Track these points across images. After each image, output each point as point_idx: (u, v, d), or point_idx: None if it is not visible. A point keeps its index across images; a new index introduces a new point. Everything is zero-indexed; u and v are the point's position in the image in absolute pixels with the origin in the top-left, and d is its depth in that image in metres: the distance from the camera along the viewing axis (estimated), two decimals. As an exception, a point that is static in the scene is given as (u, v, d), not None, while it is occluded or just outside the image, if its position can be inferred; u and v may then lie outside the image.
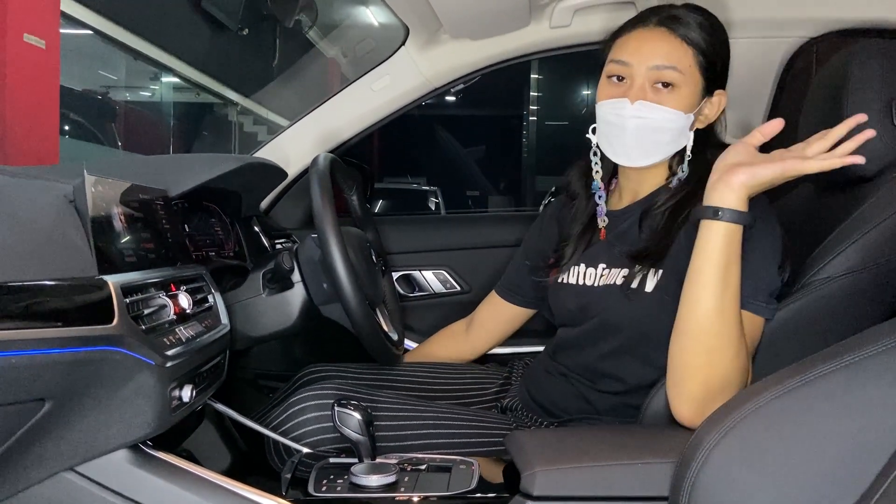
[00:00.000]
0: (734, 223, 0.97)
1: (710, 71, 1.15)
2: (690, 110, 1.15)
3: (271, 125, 8.32)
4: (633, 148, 1.16)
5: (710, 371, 0.97)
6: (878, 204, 1.03)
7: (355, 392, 1.24)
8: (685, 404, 0.99)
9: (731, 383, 0.98)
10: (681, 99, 1.13)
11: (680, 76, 1.13)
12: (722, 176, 0.98)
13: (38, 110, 1.89)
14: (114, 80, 7.47)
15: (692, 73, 1.14)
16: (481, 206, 11.10)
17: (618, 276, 1.17)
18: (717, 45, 1.16)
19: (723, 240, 0.97)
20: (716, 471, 0.78)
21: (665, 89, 1.13)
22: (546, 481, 0.88)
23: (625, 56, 1.16)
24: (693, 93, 1.14)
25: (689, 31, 1.14)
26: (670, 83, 1.13)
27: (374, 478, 0.96)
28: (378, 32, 2.09)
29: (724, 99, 1.19)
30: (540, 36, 1.67)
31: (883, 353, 0.72)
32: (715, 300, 0.97)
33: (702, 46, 1.14)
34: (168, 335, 0.93)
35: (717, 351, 0.97)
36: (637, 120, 1.13)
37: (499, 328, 1.51)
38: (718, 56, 1.16)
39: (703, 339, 0.97)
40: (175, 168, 1.20)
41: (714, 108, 1.19)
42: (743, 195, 0.97)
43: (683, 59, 1.13)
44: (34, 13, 1.80)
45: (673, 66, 1.13)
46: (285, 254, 1.30)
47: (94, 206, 0.88)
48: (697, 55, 1.14)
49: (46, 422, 0.80)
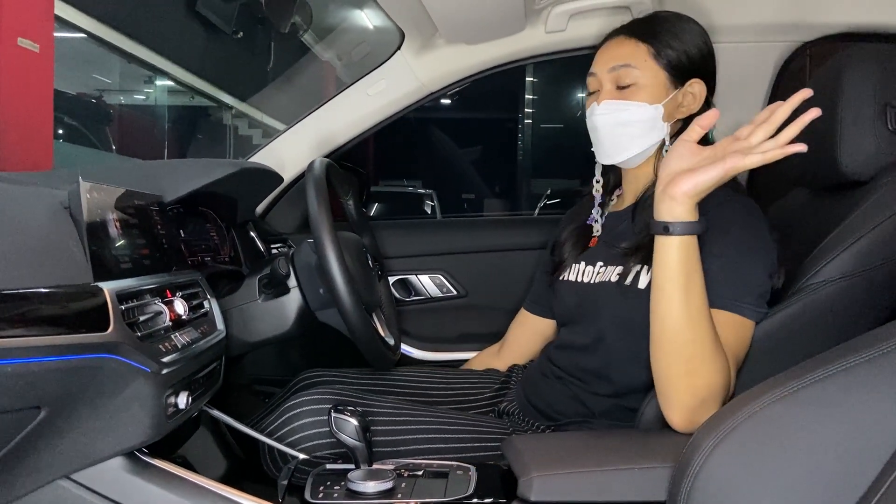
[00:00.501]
0: (685, 234, 0.97)
1: (674, 61, 1.19)
2: (656, 101, 1.18)
3: (266, 128, 8.32)
4: (608, 145, 1.22)
5: (692, 379, 0.97)
6: (873, 208, 1.03)
7: (351, 397, 1.23)
8: (675, 413, 0.99)
9: (718, 388, 0.98)
10: (643, 92, 1.18)
11: (637, 72, 1.18)
12: (665, 188, 0.98)
13: (31, 115, 1.88)
14: (108, 83, 7.46)
15: (650, 67, 1.18)
16: (477, 209, 11.10)
17: (613, 274, 1.18)
18: (680, 36, 1.20)
19: (678, 253, 0.97)
20: (713, 476, 0.78)
21: (627, 88, 1.19)
22: (543, 486, 0.88)
23: (593, 67, 1.25)
24: (656, 85, 1.19)
25: (645, 30, 1.21)
26: (630, 81, 1.19)
27: (370, 484, 0.96)
28: (373, 36, 2.09)
29: (702, 87, 1.21)
30: (535, 41, 1.67)
31: (878, 357, 0.72)
32: (681, 310, 0.97)
33: (657, 41, 1.19)
34: (164, 342, 0.93)
35: (695, 358, 0.97)
36: (603, 117, 1.20)
37: (530, 343, 1.51)
38: (682, 47, 1.20)
39: (679, 349, 0.98)
40: (170, 173, 1.19)
41: (694, 98, 1.21)
42: (689, 205, 0.97)
43: (637, 55, 1.19)
44: (28, 17, 1.79)
45: (627, 64, 1.19)
46: (281, 259, 1.30)
47: (89, 212, 0.87)
48: (651, 49, 1.19)
49: (42, 430, 0.80)
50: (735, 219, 1.06)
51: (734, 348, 1.02)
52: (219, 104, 8.25)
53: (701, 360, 0.97)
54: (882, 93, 1.07)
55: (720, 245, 1.04)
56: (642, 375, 1.12)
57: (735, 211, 1.07)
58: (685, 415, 0.98)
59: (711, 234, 1.03)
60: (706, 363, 0.97)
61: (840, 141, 1.09)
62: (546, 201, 8.32)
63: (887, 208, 1.02)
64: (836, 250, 1.03)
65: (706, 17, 1.59)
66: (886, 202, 1.03)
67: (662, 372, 1.00)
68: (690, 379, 0.97)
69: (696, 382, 0.97)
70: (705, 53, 1.23)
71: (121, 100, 7.67)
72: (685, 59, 1.20)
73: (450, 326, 1.87)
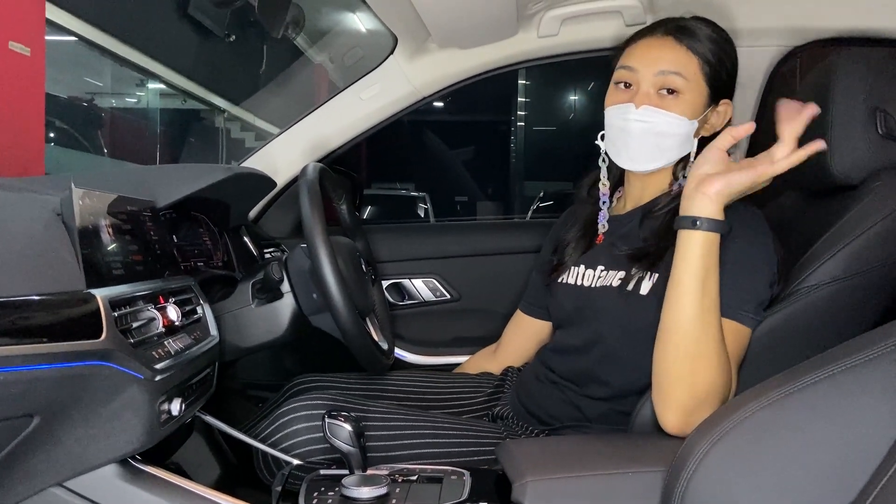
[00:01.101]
0: (712, 231, 0.99)
1: (716, 80, 1.17)
2: (695, 117, 1.16)
3: (259, 132, 8.30)
4: (637, 152, 1.18)
5: (694, 378, 0.98)
6: (863, 212, 1.04)
7: (345, 403, 1.23)
8: (671, 413, 1.00)
9: (716, 391, 0.99)
10: (685, 105, 1.15)
11: (685, 83, 1.15)
12: (698, 186, 0.99)
13: (23, 119, 1.87)
14: (99, 86, 7.43)
15: (697, 81, 1.16)
16: (470, 212, 11.11)
17: (615, 279, 1.18)
18: (723, 55, 1.18)
19: (701, 248, 0.99)
20: (706, 479, 0.78)
21: (670, 95, 1.15)
22: (537, 491, 0.88)
23: (632, 62, 1.19)
24: (698, 100, 1.16)
25: (695, 40, 1.17)
26: (675, 90, 1.15)
27: (365, 490, 0.96)
28: (366, 40, 2.09)
29: (731, 109, 1.21)
30: (528, 45, 1.68)
31: (871, 361, 0.73)
32: (695, 307, 0.99)
33: (707, 56, 1.16)
34: (157, 348, 0.92)
35: (700, 358, 0.98)
36: (642, 124, 1.15)
37: (526, 345, 1.50)
38: (724, 66, 1.18)
39: (686, 345, 0.99)
40: (163, 179, 1.19)
41: (720, 118, 1.21)
42: (719, 204, 0.99)
43: (688, 66, 1.16)
44: (19, 20, 1.78)
45: (678, 72, 1.15)
46: (274, 264, 1.30)
47: (81, 218, 0.87)
48: (703, 64, 1.16)
49: (35, 437, 0.80)
50: (741, 229, 1.06)
51: (732, 355, 1.03)
52: (211, 107, 8.23)
53: (706, 360, 0.98)
54: (872, 97, 1.08)
55: (726, 253, 1.03)
56: (638, 380, 1.13)
57: (742, 221, 1.07)
58: (681, 417, 0.99)
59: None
60: (710, 364, 0.98)
61: (830, 145, 1.09)
62: (539, 203, 8.33)
63: (877, 212, 1.03)
64: (826, 254, 1.03)
65: (697, 22, 1.59)
66: (876, 206, 1.04)
67: (665, 368, 1.01)
68: (692, 378, 0.98)
69: (697, 383, 0.98)
70: (734, 75, 1.22)
71: (112, 103, 7.64)
72: (725, 77, 1.19)
73: (443, 330, 1.87)
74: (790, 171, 1.23)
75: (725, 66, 1.19)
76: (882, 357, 0.73)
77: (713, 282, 1.00)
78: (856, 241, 1.02)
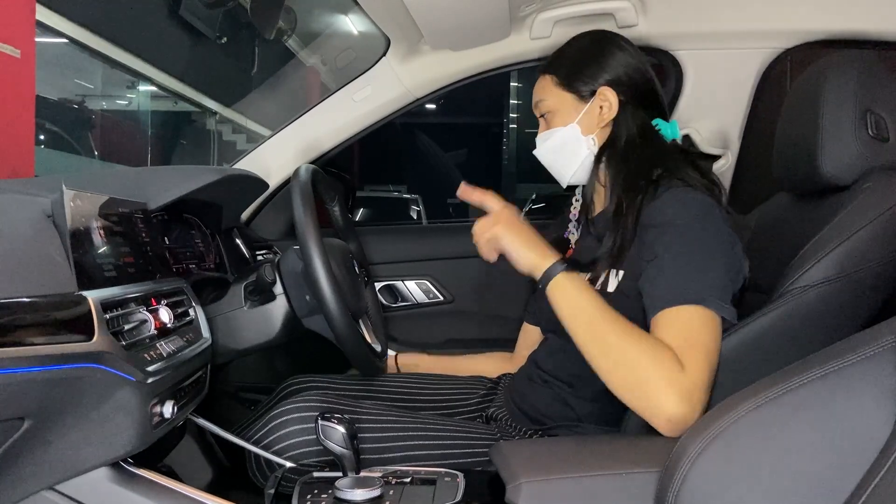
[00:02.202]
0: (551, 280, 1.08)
1: (574, 80, 1.26)
2: (570, 122, 1.26)
3: (251, 134, 8.28)
4: (554, 171, 1.32)
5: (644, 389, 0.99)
6: (854, 214, 1.04)
7: (338, 404, 1.23)
8: (653, 419, 0.99)
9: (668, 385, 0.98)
10: (558, 118, 1.27)
11: (547, 102, 1.28)
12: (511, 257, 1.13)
13: (12, 121, 1.86)
14: (90, 88, 7.39)
15: (556, 94, 1.28)
16: (462, 214, 11.09)
17: (595, 281, 1.20)
18: (573, 55, 1.29)
19: (557, 296, 1.08)
20: (700, 480, 0.78)
21: (547, 119, 1.29)
22: (531, 492, 0.88)
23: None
24: (567, 107, 1.27)
25: (548, 63, 1.31)
26: (544, 112, 1.29)
27: (358, 492, 0.96)
28: (359, 42, 2.09)
29: (612, 92, 1.24)
30: (520, 47, 1.68)
31: (862, 362, 0.73)
32: (595, 341, 1.03)
33: (557, 67, 1.29)
34: (149, 350, 0.92)
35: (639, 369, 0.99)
36: (539, 149, 1.32)
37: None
38: (578, 64, 1.27)
39: (617, 370, 1.01)
40: (155, 180, 1.19)
41: (610, 104, 1.24)
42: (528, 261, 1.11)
43: (546, 88, 1.29)
44: (9, 22, 1.77)
45: (540, 99, 1.30)
46: (267, 266, 1.29)
47: (72, 220, 0.86)
48: (554, 77, 1.28)
49: (25, 441, 0.79)
50: (688, 217, 1.08)
51: (702, 342, 1.00)
52: (203, 109, 8.19)
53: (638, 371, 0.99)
54: (862, 98, 1.08)
55: (675, 243, 1.06)
56: None
57: (689, 210, 1.09)
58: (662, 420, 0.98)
59: (666, 233, 1.07)
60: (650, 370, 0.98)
61: (821, 146, 1.10)
62: (532, 206, 8.33)
63: (868, 213, 1.03)
64: (818, 255, 1.03)
65: (688, 25, 1.60)
66: (867, 207, 1.04)
67: (616, 390, 1.02)
68: (642, 390, 0.98)
69: (648, 390, 0.98)
70: (600, 58, 1.26)
71: (103, 105, 7.60)
72: (579, 71, 1.26)
73: (436, 332, 1.87)
74: (781, 174, 1.25)
75: (580, 63, 1.27)
76: (874, 357, 0.74)
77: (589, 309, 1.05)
78: (847, 241, 1.02)
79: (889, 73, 1.12)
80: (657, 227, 1.09)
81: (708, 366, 0.99)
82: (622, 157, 1.21)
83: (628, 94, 1.24)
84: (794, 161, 1.18)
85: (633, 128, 1.23)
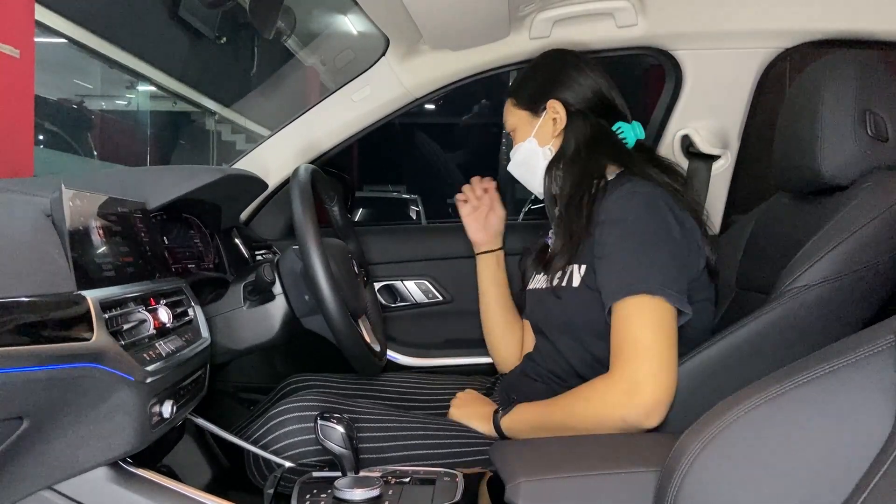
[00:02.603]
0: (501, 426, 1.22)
1: (525, 99, 1.39)
2: (528, 137, 1.37)
3: (250, 134, 8.27)
4: (525, 183, 1.43)
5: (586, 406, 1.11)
6: (853, 213, 1.04)
7: (337, 404, 1.23)
8: (629, 429, 1.06)
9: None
10: (519, 134, 1.39)
11: (509, 122, 1.42)
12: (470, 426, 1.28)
13: (11, 121, 1.86)
14: (89, 88, 7.39)
15: (514, 113, 1.40)
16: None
17: (543, 280, 1.30)
18: (525, 75, 1.42)
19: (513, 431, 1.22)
20: (699, 479, 0.78)
21: (512, 137, 1.42)
22: (530, 492, 0.88)
23: None
24: (524, 124, 1.38)
25: (510, 88, 1.43)
26: (510, 132, 1.42)
27: (357, 492, 0.95)
28: (358, 42, 2.09)
29: (557, 103, 1.34)
30: (520, 47, 1.68)
31: (862, 361, 0.73)
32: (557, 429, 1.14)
33: (512, 90, 1.41)
34: (148, 350, 0.92)
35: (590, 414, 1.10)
36: (511, 167, 1.43)
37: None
38: (526, 84, 1.40)
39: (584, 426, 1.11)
40: (154, 180, 1.19)
41: (558, 114, 1.34)
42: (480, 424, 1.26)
43: (507, 109, 1.43)
44: (8, 22, 1.77)
45: (505, 121, 1.44)
46: (266, 265, 1.29)
47: (71, 220, 0.86)
48: (511, 99, 1.41)
49: (24, 440, 0.79)
50: (633, 211, 1.14)
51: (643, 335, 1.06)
52: (202, 109, 8.18)
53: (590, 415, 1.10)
54: (861, 98, 1.08)
55: (621, 238, 1.13)
56: (596, 367, 1.18)
57: (634, 203, 1.15)
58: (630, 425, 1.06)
59: (613, 229, 1.14)
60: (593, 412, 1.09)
61: (820, 146, 1.10)
62: (531, 206, 8.32)
63: (868, 213, 1.03)
64: (817, 255, 1.04)
65: (687, 25, 1.60)
66: (867, 207, 1.04)
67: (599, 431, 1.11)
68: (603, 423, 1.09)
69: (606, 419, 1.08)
70: (549, 75, 1.37)
71: (102, 105, 7.59)
72: (532, 90, 1.38)
73: (436, 332, 1.87)
74: (780, 174, 1.25)
75: (530, 80, 1.40)
76: (873, 357, 0.74)
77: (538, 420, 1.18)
78: (846, 241, 1.02)
79: (888, 73, 1.12)
80: (605, 223, 1.16)
81: (649, 356, 1.05)
82: (571, 161, 1.29)
83: (580, 104, 1.33)
84: (794, 161, 1.18)
85: (585, 134, 1.31)
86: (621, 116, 1.36)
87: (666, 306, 1.08)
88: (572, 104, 1.33)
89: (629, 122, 1.36)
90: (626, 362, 1.06)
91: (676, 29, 1.61)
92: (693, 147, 1.67)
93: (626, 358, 1.06)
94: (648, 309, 1.07)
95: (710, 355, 1.10)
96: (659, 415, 1.04)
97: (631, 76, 4.18)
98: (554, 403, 1.16)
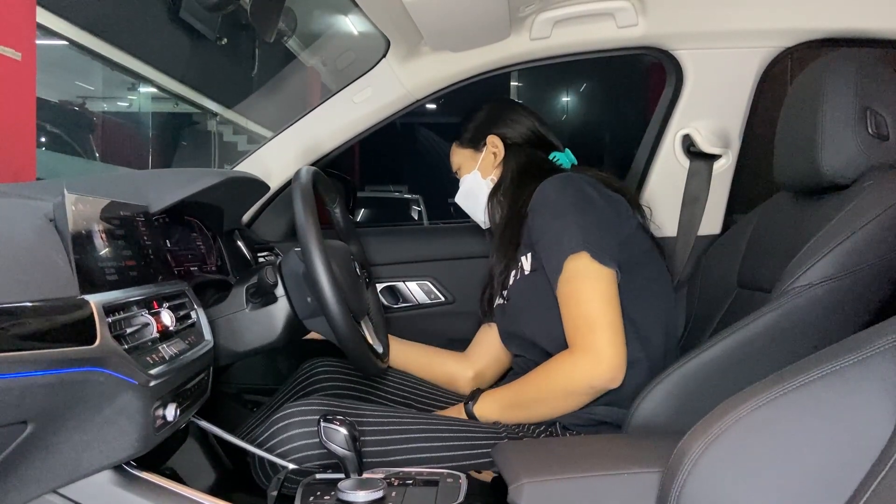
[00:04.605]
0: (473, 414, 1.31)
1: (467, 140, 1.54)
2: (472, 170, 1.53)
3: (251, 135, 8.27)
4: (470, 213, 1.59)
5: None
6: (855, 212, 1.05)
7: (340, 406, 1.23)
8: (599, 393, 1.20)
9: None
10: (465, 170, 1.54)
11: (455, 160, 1.57)
12: None
13: (14, 124, 1.86)
14: (91, 90, 7.39)
15: (459, 153, 1.56)
16: (463, 214, 11.06)
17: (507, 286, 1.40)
18: (466, 119, 1.56)
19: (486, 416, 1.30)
20: (702, 480, 0.78)
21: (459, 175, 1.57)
22: (533, 493, 0.88)
23: None
24: (468, 160, 1.54)
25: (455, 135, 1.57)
26: (455, 171, 1.57)
27: (361, 493, 0.96)
28: (359, 43, 2.09)
29: (495, 138, 1.51)
30: (520, 48, 1.68)
31: (864, 361, 0.73)
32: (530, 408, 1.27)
33: (460, 134, 1.56)
34: (151, 354, 0.92)
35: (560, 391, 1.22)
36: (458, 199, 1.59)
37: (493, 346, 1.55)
38: (467, 126, 1.55)
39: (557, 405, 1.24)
40: (156, 183, 1.19)
41: (497, 148, 1.50)
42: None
43: (453, 151, 1.58)
44: (10, 24, 1.77)
45: (452, 161, 1.58)
46: (268, 268, 1.29)
47: (74, 224, 0.87)
48: (456, 142, 1.57)
49: (28, 444, 0.79)
50: (550, 192, 1.29)
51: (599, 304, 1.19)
52: (203, 111, 8.18)
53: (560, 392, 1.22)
54: (862, 97, 1.08)
55: (544, 219, 1.27)
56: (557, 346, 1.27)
57: (551, 186, 1.29)
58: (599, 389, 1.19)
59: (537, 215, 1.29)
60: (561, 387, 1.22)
61: (821, 145, 1.10)
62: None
63: (869, 211, 1.03)
64: (819, 254, 1.04)
65: (688, 24, 1.60)
66: (868, 205, 1.04)
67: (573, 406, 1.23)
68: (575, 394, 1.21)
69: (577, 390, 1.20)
70: (487, 115, 1.53)
71: (104, 107, 7.60)
72: (473, 130, 1.54)
73: (438, 332, 1.87)
74: (781, 173, 1.25)
75: (468, 124, 1.55)
76: (875, 356, 0.74)
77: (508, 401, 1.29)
78: (848, 240, 1.02)
79: (889, 71, 1.12)
80: (532, 211, 1.31)
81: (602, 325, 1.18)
82: (510, 186, 1.45)
83: (517, 138, 1.50)
84: (795, 160, 1.18)
85: (521, 163, 1.46)
86: (554, 147, 1.53)
87: (595, 265, 1.20)
88: (509, 138, 1.50)
89: (562, 152, 1.52)
90: (584, 337, 1.19)
91: (677, 29, 1.61)
92: (694, 147, 1.67)
93: (583, 333, 1.19)
94: (589, 279, 1.20)
95: (713, 355, 1.10)
96: (622, 375, 1.17)
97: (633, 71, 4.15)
98: (524, 382, 1.28)
